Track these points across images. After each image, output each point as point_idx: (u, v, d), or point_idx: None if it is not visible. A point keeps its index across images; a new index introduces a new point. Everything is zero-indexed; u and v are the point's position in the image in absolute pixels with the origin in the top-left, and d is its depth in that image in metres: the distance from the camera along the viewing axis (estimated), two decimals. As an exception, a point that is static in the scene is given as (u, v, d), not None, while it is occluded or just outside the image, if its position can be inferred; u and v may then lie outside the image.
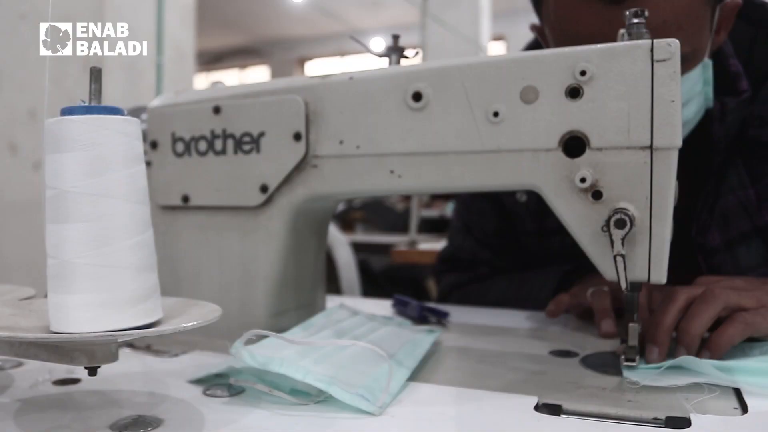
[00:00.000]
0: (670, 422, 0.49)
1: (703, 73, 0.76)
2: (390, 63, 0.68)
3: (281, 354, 0.53)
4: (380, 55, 0.69)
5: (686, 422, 0.48)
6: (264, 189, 0.69)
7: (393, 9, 8.89)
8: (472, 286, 1.08)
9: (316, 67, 11.31)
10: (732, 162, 0.84)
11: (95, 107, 0.44)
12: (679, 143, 0.54)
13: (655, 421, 0.49)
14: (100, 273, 0.43)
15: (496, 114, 0.59)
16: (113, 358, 0.46)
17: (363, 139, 0.64)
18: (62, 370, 0.59)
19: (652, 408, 0.51)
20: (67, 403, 0.51)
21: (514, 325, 0.84)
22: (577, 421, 0.49)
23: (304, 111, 0.66)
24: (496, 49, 8.69)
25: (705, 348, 0.62)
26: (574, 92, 0.56)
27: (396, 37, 0.69)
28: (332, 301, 0.84)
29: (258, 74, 11.69)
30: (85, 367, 0.45)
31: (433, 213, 4.22)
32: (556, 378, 0.59)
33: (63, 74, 1.95)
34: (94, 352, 0.45)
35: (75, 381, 0.57)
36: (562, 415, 0.51)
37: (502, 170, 0.59)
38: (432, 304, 0.90)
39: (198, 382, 0.57)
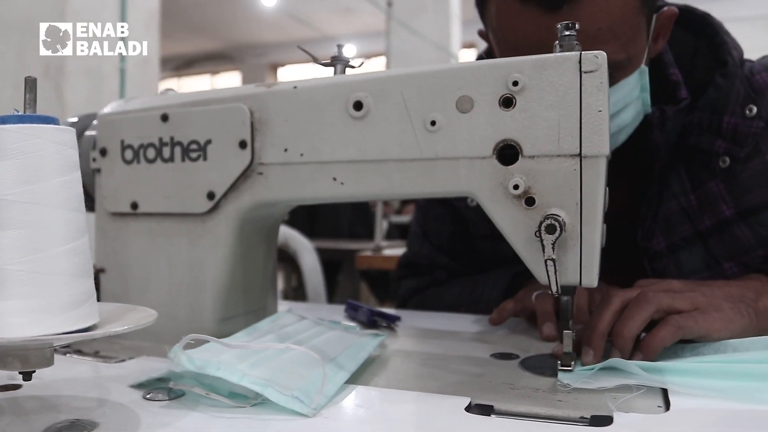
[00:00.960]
0: (594, 420, 0.50)
1: (640, 79, 0.78)
2: (335, 72, 0.69)
3: (219, 358, 0.54)
4: (326, 65, 0.70)
5: (610, 420, 0.50)
6: (211, 196, 0.70)
7: (364, 16, 8.92)
8: (429, 290, 1.10)
9: (288, 73, 11.30)
10: (674, 168, 0.86)
11: (28, 116, 0.45)
12: (607, 151, 0.56)
13: (581, 420, 0.51)
14: (34, 279, 0.44)
15: (433, 123, 0.60)
16: (48, 362, 0.47)
17: (307, 147, 0.66)
18: (4, 375, 0.59)
19: (580, 407, 0.52)
20: (4, 408, 0.52)
21: (464, 329, 0.86)
22: (507, 421, 0.51)
23: (250, 119, 0.68)
24: (468, 57, 8.76)
25: (638, 350, 0.64)
26: (507, 102, 0.58)
27: (340, 47, 0.71)
28: (285, 307, 0.85)
29: (230, 80, 11.65)
30: (20, 372, 0.46)
31: (403, 219, 4.24)
32: (494, 379, 0.61)
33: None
34: (27, 357, 0.45)
35: (16, 387, 0.57)
36: (492, 416, 0.52)
37: (440, 177, 0.61)
38: (383, 309, 0.91)
39: (139, 386, 0.57)
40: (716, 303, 0.66)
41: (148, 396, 0.55)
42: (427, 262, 1.11)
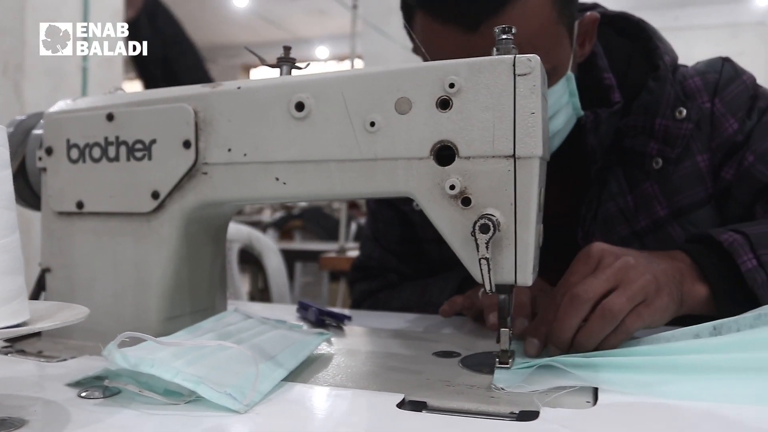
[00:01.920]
0: (522, 416, 0.51)
1: (567, 85, 0.80)
2: (281, 73, 0.70)
3: (154, 355, 0.54)
4: (272, 66, 0.71)
5: (537, 415, 0.51)
6: (155, 195, 0.70)
7: (337, 18, 8.91)
8: (381, 293, 1.11)
9: (261, 74, 11.29)
10: (612, 170, 0.89)
11: (-45, 113, 0.45)
12: (540, 152, 0.57)
13: (510, 416, 0.52)
14: (-40, 276, 0.44)
15: (372, 124, 0.61)
16: (-25, 360, 0.47)
17: (250, 147, 0.66)
18: (-61, 375, 0.59)
19: (511, 403, 0.54)
20: (-65, 407, 0.52)
21: (412, 328, 0.87)
22: (437, 417, 0.52)
23: (194, 119, 0.68)
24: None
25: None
26: (444, 104, 0.59)
27: (287, 48, 0.71)
28: (242, 307, 0.85)
29: (202, 80, 11.58)
30: (-54, 370, 0.46)
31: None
32: (432, 377, 0.62)
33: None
34: (-46, 355, 0.45)
35: (-50, 386, 0.57)
36: (424, 411, 0.53)
37: (379, 178, 0.62)
38: (333, 308, 0.92)
39: (76, 384, 0.57)
40: (660, 290, 0.67)
41: (83, 394, 0.55)
42: (378, 265, 1.13)
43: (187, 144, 0.68)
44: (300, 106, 0.64)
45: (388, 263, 1.11)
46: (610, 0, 1.06)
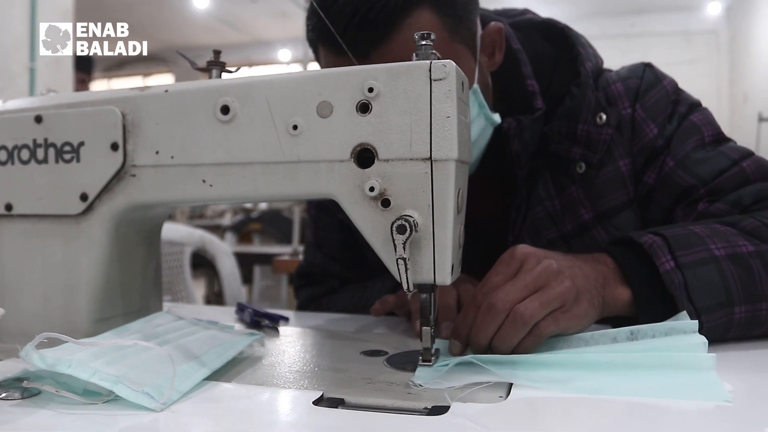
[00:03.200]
0: (433, 410, 0.53)
1: (476, 98, 0.83)
2: (210, 77, 0.71)
3: (73, 356, 0.54)
4: (202, 70, 0.72)
5: (447, 409, 0.53)
6: (84, 197, 0.70)
7: (300, 21, 8.90)
8: (324, 298, 1.13)
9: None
10: (540, 175, 0.91)
11: None
12: (455, 155, 0.59)
13: (423, 410, 0.54)
14: None
15: (295, 127, 0.62)
16: None
17: (177, 150, 0.67)
18: None
19: (426, 399, 0.55)
20: None
21: (346, 329, 0.88)
22: (350, 413, 0.53)
23: (122, 122, 0.68)
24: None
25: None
26: (364, 107, 0.61)
27: (217, 53, 0.72)
28: (174, 309, 0.86)
29: (162, 82, 11.47)
30: None
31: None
32: (355, 375, 0.63)
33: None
34: None
35: None
36: (340, 408, 0.54)
37: (302, 180, 0.63)
38: (270, 309, 0.92)
39: (-4, 386, 0.57)
40: (580, 296, 0.68)
41: (2, 396, 0.55)
42: (320, 271, 1.14)
43: (115, 146, 0.69)
44: (225, 110, 0.65)
45: (330, 269, 1.13)
46: (567, 4, 1.09)
